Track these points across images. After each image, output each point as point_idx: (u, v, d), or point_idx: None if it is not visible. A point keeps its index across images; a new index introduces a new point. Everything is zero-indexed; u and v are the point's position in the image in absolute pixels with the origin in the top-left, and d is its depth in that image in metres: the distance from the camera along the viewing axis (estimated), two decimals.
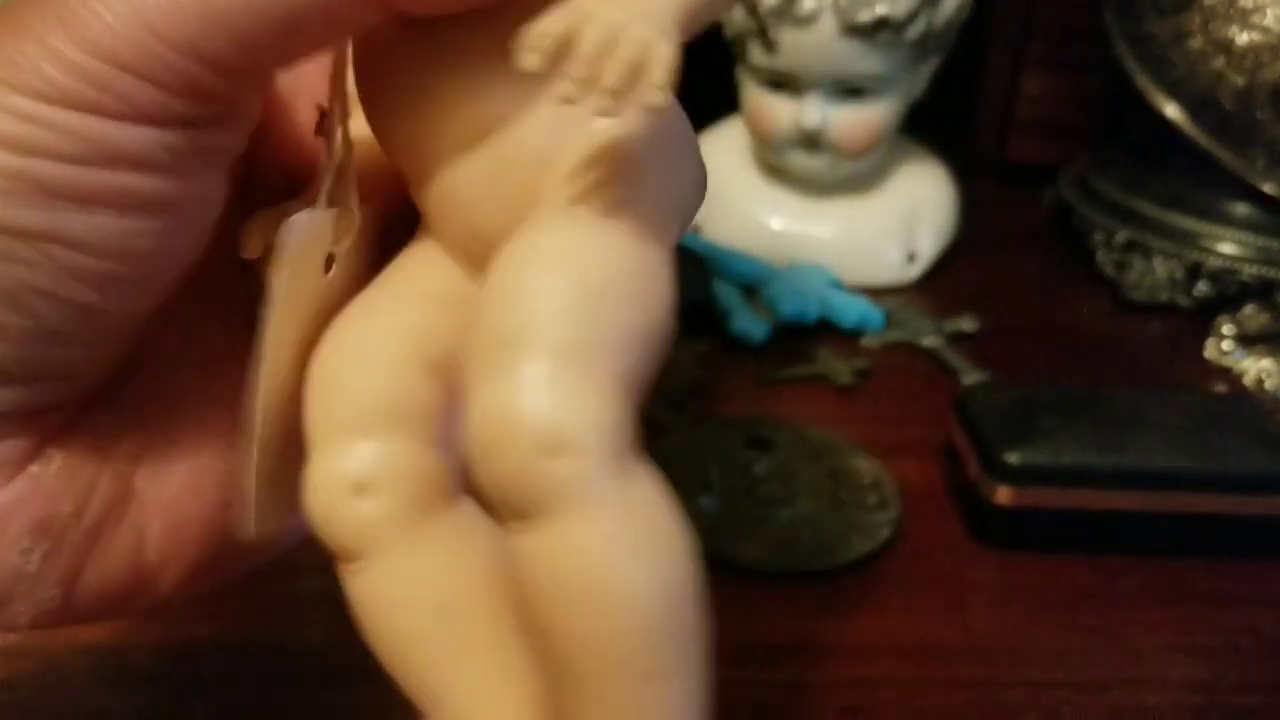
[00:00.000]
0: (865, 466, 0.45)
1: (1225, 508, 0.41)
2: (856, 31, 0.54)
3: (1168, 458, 0.41)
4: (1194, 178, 0.60)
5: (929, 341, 0.55)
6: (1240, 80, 0.57)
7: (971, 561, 0.41)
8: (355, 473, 0.19)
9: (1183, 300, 0.59)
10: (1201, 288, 0.59)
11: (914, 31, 0.55)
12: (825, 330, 0.56)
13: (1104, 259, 0.62)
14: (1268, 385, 0.53)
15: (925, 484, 0.45)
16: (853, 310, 0.56)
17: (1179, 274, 0.59)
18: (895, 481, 0.44)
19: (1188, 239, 0.60)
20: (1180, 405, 0.44)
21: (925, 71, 0.59)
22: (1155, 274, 0.60)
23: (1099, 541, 0.42)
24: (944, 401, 0.46)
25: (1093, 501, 0.41)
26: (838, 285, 0.59)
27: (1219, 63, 0.57)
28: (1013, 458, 0.41)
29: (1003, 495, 0.41)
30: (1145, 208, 0.61)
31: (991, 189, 0.74)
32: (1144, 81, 0.60)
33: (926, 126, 0.65)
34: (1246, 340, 0.56)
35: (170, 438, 0.23)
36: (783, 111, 0.58)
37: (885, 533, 0.41)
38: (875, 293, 0.59)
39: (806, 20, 0.54)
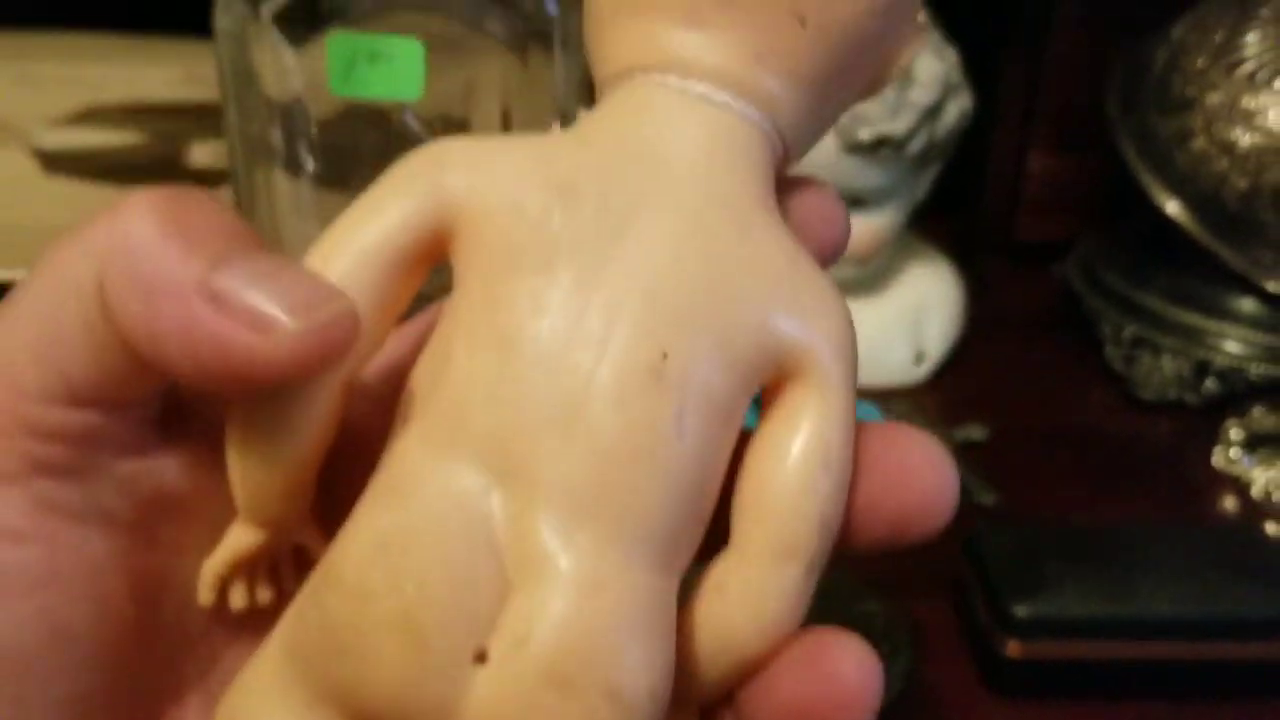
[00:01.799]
0: (876, 610, 0.45)
1: (1234, 654, 0.42)
2: (858, 149, 0.54)
3: (1175, 604, 0.41)
4: (1199, 273, 0.60)
5: None
6: (1244, 182, 0.57)
7: (985, 709, 0.42)
8: None
9: (1191, 398, 0.59)
10: (1209, 385, 0.59)
11: (915, 146, 0.55)
12: None
13: (1113, 353, 0.62)
14: (1275, 497, 0.53)
15: (938, 624, 0.45)
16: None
17: (1186, 371, 0.59)
18: (908, 625, 0.44)
19: (1194, 336, 0.60)
20: (1188, 544, 0.44)
21: (927, 177, 0.59)
22: (1164, 371, 0.60)
23: (1113, 689, 0.42)
24: (956, 520, 0.46)
25: (1102, 652, 0.41)
26: None
27: (1222, 164, 0.57)
28: (1021, 610, 0.41)
29: (1013, 648, 0.41)
30: (1151, 302, 0.61)
31: (1000, 267, 0.74)
32: (1147, 179, 0.60)
33: (934, 206, 0.66)
34: (1255, 441, 0.56)
35: None
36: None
37: (897, 686, 0.41)
38: (884, 394, 0.60)
39: None
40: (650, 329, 0.18)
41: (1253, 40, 0.58)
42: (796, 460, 0.19)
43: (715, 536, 0.19)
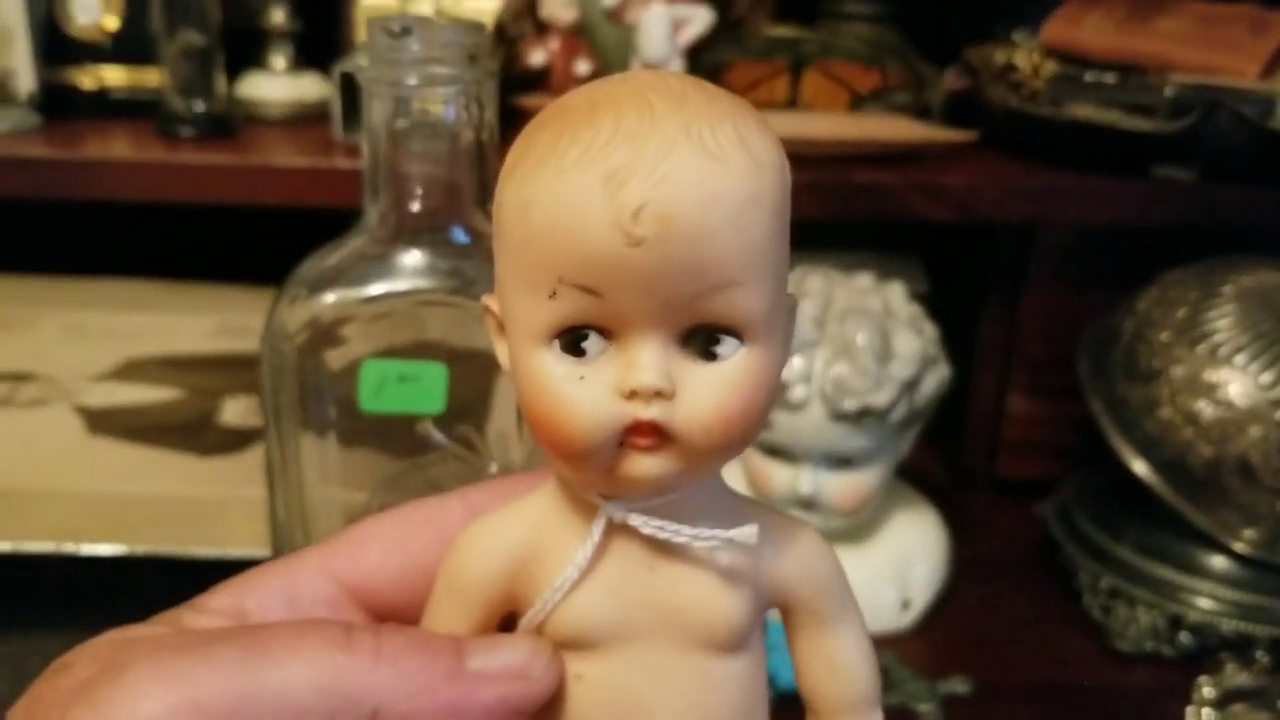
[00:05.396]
0: None
1: None
2: (843, 418, 0.58)
3: None
4: (1171, 529, 0.63)
5: (924, 708, 0.58)
6: (1209, 450, 0.61)
7: None
8: None
9: (1167, 650, 0.62)
10: (1183, 640, 0.62)
11: (896, 415, 0.59)
12: None
13: (1090, 602, 0.65)
14: None
15: None
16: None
17: (1161, 624, 0.62)
18: None
19: (1168, 590, 0.63)
20: None
21: (909, 438, 0.63)
22: (1139, 623, 0.63)
23: None
24: None
25: None
26: None
27: (1188, 433, 0.61)
28: None
29: None
30: (1126, 555, 0.64)
31: (983, 502, 0.78)
32: (1117, 441, 0.63)
33: (919, 445, 0.69)
34: (1228, 698, 0.58)
35: None
36: (780, 477, 0.62)
37: None
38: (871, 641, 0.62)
39: (797, 406, 0.59)
40: None
41: (1215, 316, 0.63)
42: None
43: None
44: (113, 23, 0.75)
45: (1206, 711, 0.58)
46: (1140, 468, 0.63)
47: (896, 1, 0.82)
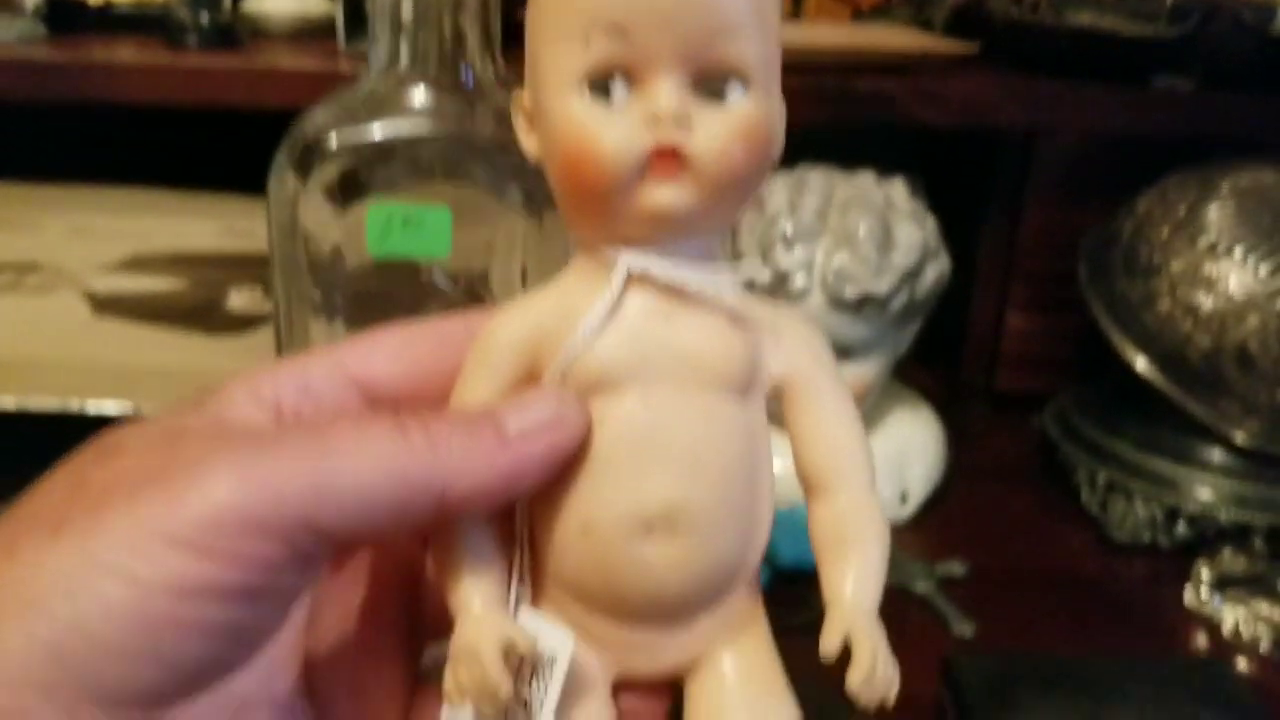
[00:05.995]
0: None
1: None
2: (843, 306, 0.59)
3: None
4: (1169, 423, 0.64)
5: (921, 587, 0.58)
6: (1207, 341, 0.61)
7: None
8: None
9: (1164, 541, 0.63)
10: (1181, 530, 0.62)
11: (897, 304, 0.60)
12: None
13: (1088, 498, 0.65)
14: (1244, 634, 0.56)
15: None
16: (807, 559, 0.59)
17: (1159, 515, 0.63)
18: None
19: (1166, 483, 0.63)
20: (1157, 675, 0.47)
21: (909, 333, 0.64)
22: (1137, 515, 0.63)
23: None
24: (935, 651, 0.49)
25: None
26: None
27: (1187, 325, 0.62)
28: None
29: None
30: (1124, 450, 0.65)
31: (981, 415, 0.78)
32: (1117, 338, 0.64)
33: (919, 360, 0.70)
34: (1224, 584, 0.59)
35: None
36: None
37: None
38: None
39: (798, 295, 0.59)
40: None
41: (1213, 211, 0.63)
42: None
43: None
44: None
45: (1205, 590, 0.58)
46: (1140, 363, 0.63)
47: None
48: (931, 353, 0.73)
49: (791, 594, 0.58)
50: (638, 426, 0.27)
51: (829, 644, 0.29)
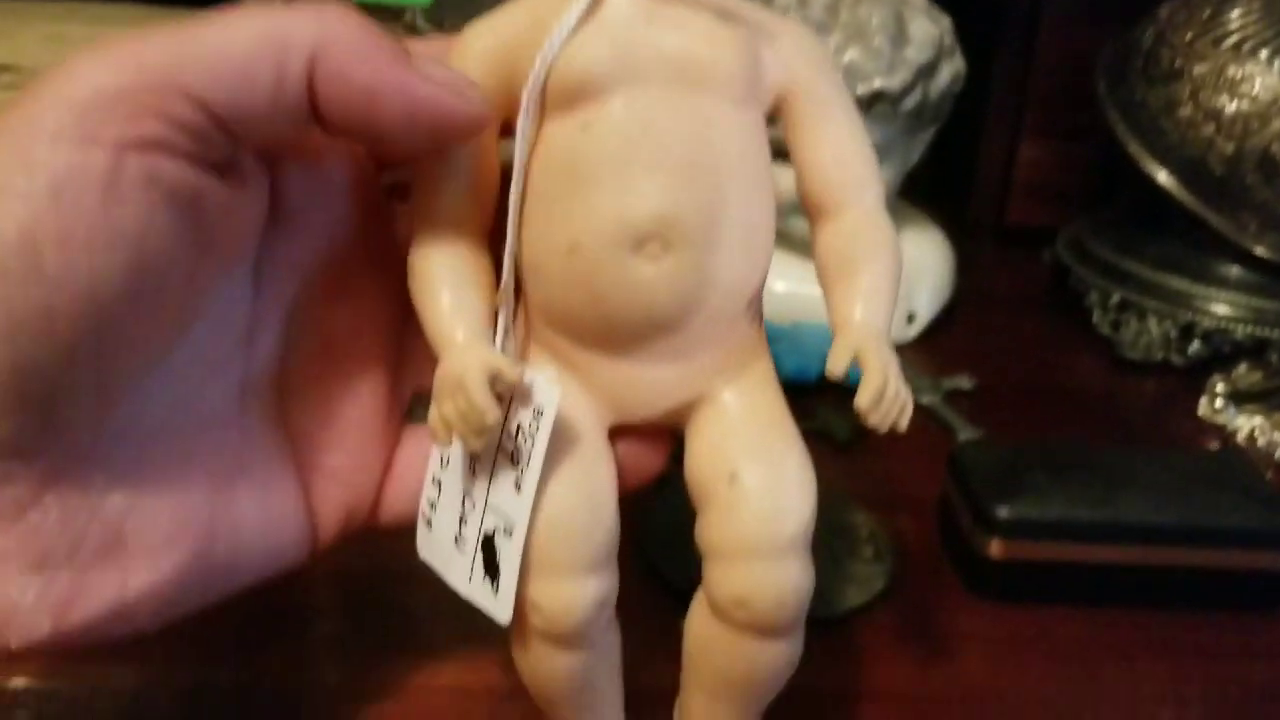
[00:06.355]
0: (861, 520, 0.46)
1: (1213, 562, 0.42)
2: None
3: (1156, 513, 0.42)
4: (1187, 240, 0.62)
5: (926, 399, 0.56)
6: (1230, 147, 0.59)
7: (964, 613, 0.42)
8: (603, 594, 0.28)
9: (1177, 359, 0.61)
10: (1195, 347, 0.60)
11: (909, 103, 0.57)
12: (826, 387, 0.58)
13: (1100, 319, 0.63)
14: (1259, 442, 0.54)
15: (920, 538, 0.46)
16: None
17: (1173, 333, 0.61)
18: (891, 535, 0.45)
19: (1181, 300, 0.61)
20: (1169, 463, 0.45)
21: (921, 140, 0.61)
22: (1150, 333, 0.61)
23: (1090, 594, 0.43)
24: (940, 458, 0.47)
25: (1082, 555, 0.42)
26: None
27: (1209, 130, 0.59)
28: (1004, 512, 0.42)
29: (994, 549, 0.42)
30: (1140, 270, 0.63)
31: (990, 251, 0.76)
32: (1136, 149, 0.61)
33: (926, 191, 0.67)
34: (1239, 398, 0.57)
35: (157, 492, 0.26)
36: (784, 179, 0.60)
37: (880, 585, 0.42)
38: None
39: None
40: None
41: (1238, 14, 0.60)
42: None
43: None
44: None
45: (1219, 402, 0.56)
46: (1160, 175, 0.61)
47: None
48: (940, 189, 0.70)
49: (794, 405, 0.57)
50: (623, 132, 0.25)
51: (836, 364, 0.27)
